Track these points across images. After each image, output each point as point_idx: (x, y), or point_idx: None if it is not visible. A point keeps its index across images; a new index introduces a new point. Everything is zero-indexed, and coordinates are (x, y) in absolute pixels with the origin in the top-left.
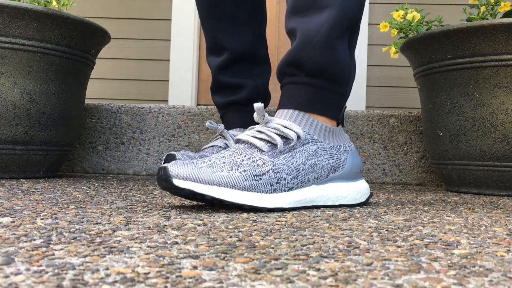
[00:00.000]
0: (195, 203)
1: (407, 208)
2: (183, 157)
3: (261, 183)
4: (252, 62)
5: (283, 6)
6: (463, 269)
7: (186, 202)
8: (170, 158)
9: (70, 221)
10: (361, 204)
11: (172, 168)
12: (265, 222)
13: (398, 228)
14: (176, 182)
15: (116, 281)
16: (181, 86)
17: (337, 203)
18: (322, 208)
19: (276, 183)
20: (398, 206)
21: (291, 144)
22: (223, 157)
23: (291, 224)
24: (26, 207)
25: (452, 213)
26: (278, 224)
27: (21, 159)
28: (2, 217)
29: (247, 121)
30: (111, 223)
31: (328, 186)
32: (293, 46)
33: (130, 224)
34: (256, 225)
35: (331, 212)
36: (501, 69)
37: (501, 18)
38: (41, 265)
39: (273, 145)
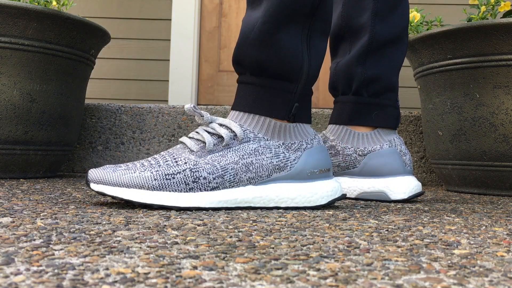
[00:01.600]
0: None
1: (407, 208)
2: None
3: (173, 182)
4: (348, 38)
5: None
6: (463, 269)
7: None
8: None
9: (70, 221)
10: (321, 207)
11: (91, 172)
12: (265, 222)
13: (398, 228)
14: (92, 185)
15: (116, 281)
16: (181, 86)
17: (282, 205)
18: (322, 208)
19: (193, 182)
20: (398, 206)
21: (223, 143)
22: (153, 158)
23: (291, 224)
24: (26, 207)
25: (452, 213)
26: (278, 224)
27: (21, 159)
28: (2, 217)
29: (340, 115)
30: (111, 223)
31: (269, 187)
32: (236, 43)
33: (130, 224)
34: (256, 225)
35: (331, 212)
36: (501, 69)
37: (501, 18)
38: (41, 265)
39: (204, 144)
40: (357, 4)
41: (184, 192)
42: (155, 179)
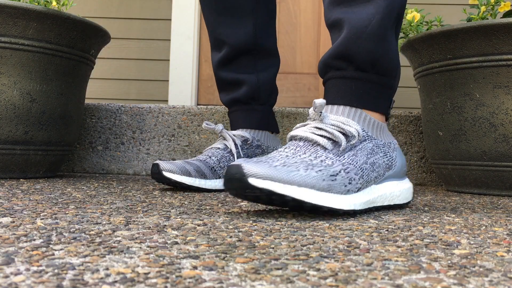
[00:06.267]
0: (195, 203)
1: (407, 208)
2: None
3: (336, 184)
4: (255, 55)
5: (283, 6)
6: (463, 269)
7: (186, 202)
8: (155, 167)
9: (70, 221)
10: (408, 204)
11: (246, 166)
12: (265, 222)
13: (398, 228)
14: (253, 181)
15: (116, 281)
16: (181, 86)
17: (391, 203)
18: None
19: (349, 183)
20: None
21: (352, 141)
22: (287, 156)
23: (291, 224)
24: (26, 207)
25: (452, 213)
26: (278, 224)
27: (21, 159)
28: (2, 217)
29: (250, 121)
30: (111, 223)
31: (385, 186)
32: (341, 38)
33: (130, 224)
34: (256, 225)
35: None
36: (501, 69)
37: (501, 18)
38: (41, 265)
39: (335, 142)
40: (267, 27)
41: (344, 194)
42: (323, 180)
